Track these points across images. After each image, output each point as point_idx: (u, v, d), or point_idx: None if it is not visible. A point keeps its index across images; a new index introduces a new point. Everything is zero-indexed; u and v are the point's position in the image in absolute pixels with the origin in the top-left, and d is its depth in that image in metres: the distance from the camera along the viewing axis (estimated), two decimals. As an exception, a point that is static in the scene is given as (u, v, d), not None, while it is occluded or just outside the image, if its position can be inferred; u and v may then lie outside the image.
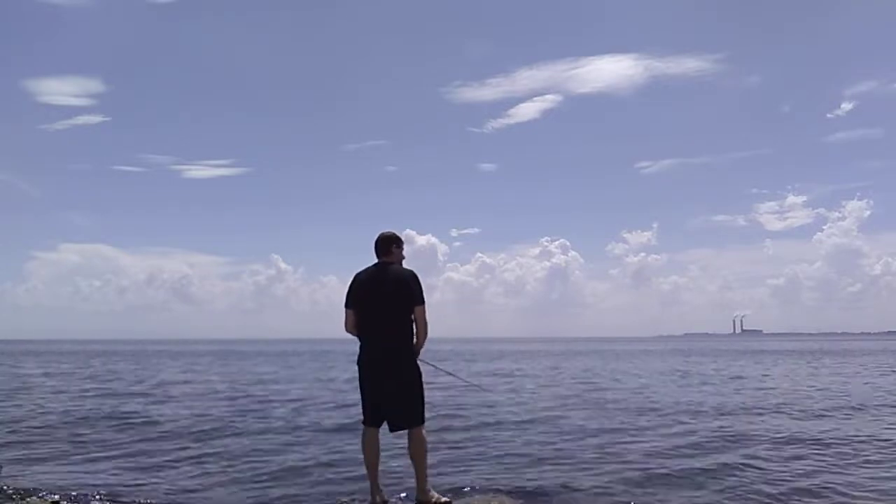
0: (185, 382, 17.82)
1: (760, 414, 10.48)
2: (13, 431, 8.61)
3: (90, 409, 11.07)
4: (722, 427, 8.89)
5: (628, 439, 7.98)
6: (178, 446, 7.53)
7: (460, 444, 7.59)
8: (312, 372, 22.83)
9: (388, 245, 4.92)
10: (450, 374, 6.90)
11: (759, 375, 20.23)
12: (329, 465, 6.51)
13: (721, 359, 32.83)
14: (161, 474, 6.11)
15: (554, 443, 7.74)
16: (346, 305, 4.84)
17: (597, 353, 45.73)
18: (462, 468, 6.33)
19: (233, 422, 9.56)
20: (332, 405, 11.60)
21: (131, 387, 16.21)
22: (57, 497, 5.19)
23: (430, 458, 5.09)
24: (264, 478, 5.96)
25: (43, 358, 36.91)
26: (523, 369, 24.52)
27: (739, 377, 19.40)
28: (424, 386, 4.80)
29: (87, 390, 15.07)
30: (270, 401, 12.51)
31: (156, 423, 9.40)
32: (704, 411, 10.76)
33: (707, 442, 7.80)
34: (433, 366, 5.33)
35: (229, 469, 6.36)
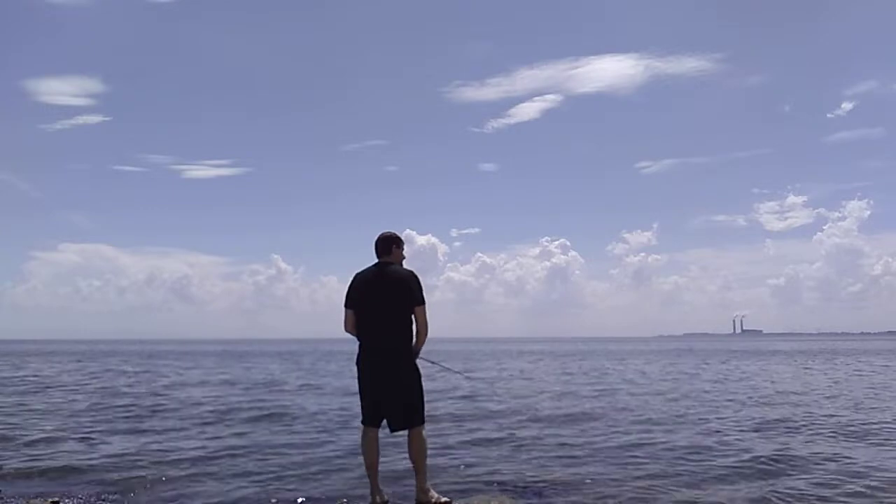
0: (202, 383, 17.68)
1: (818, 433, 8.40)
2: (17, 433, 8.61)
3: (99, 412, 11.07)
4: (778, 447, 7.35)
5: (654, 452, 7.20)
6: (191, 444, 7.53)
7: (463, 446, 7.58)
8: (322, 371, 22.81)
9: (389, 245, 4.92)
10: (448, 368, 6.81)
11: (788, 378, 18.83)
12: (329, 465, 6.50)
13: (735, 360, 31.96)
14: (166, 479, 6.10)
15: (567, 448, 7.51)
16: (346, 305, 4.84)
17: (602, 353, 45.31)
18: (464, 470, 6.31)
19: (243, 420, 9.60)
20: (341, 405, 11.58)
21: (141, 389, 16.18)
22: (57, 498, 5.19)
23: (431, 460, 5.09)
24: (264, 477, 5.95)
25: (47, 358, 36.82)
26: (530, 370, 24.50)
27: (766, 380, 18.09)
28: (430, 386, 4.79)
29: (94, 393, 15.04)
30: (282, 403, 12.48)
31: (172, 430, 9.36)
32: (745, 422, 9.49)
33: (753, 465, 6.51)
34: (433, 362, 5.31)
35: (231, 467, 6.35)
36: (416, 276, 4.80)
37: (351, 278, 4.89)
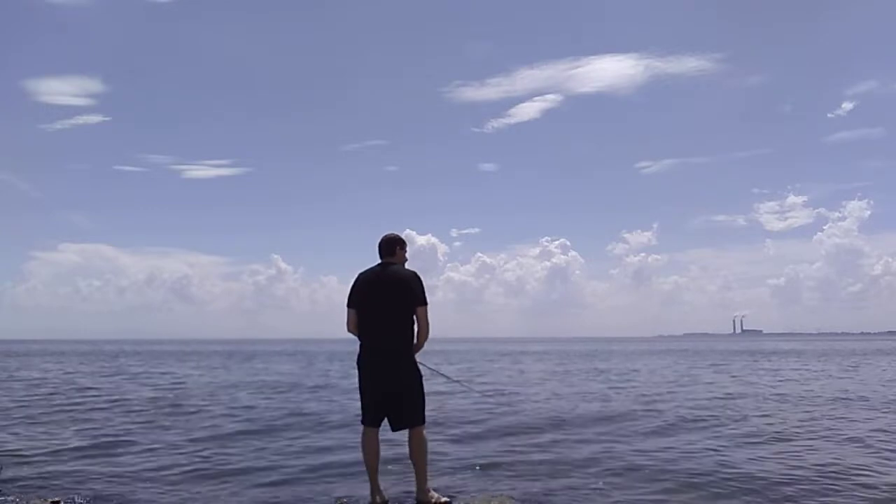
0: (235, 386, 17.49)
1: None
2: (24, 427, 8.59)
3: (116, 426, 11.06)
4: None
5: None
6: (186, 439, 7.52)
7: (464, 446, 7.57)
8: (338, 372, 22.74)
9: (393, 246, 4.93)
10: (449, 378, 6.67)
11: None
12: (330, 465, 6.49)
13: (761, 360, 30.97)
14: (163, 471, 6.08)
15: (567, 449, 7.47)
16: (349, 305, 4.85)
17: (609, 353, 44.83)
18: (465, 470, 6.30)
19: (245, 419, 9.58)
20: (342, 405, 11.56)
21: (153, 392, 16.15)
22: (58, 498, 5.18)
23: (432, 460, 5.08)
24: (264, 477, 5.95)
25: (55, 359, 36.63)
26: (538, 369, 24.46)
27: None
28: (444, 387, 4.77)
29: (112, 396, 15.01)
30: (286, 404, 12.44)
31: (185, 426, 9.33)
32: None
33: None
34: (430, 368, 5.30)
35: (233, 468, 6.34)
36: (418, 277, 4.80)
37: (353, 278, 4.91)
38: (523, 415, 10.31)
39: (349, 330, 4.87)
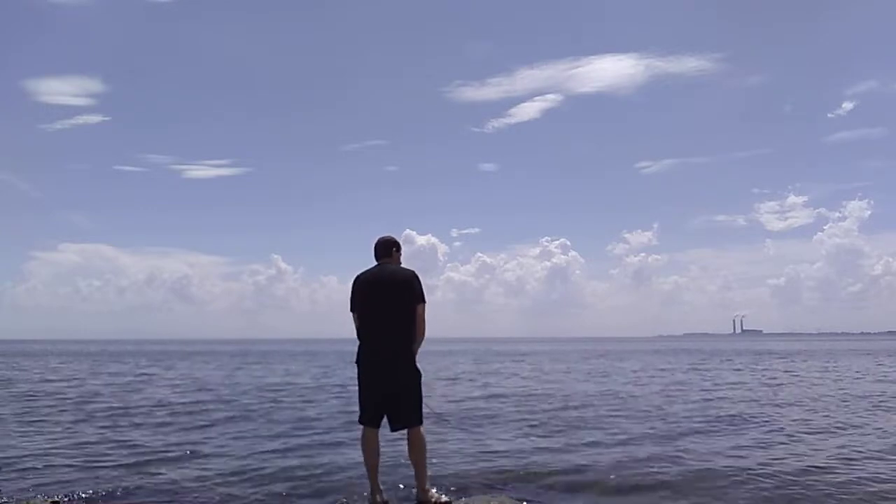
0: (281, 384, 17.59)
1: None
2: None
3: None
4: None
5: None
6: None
7: (465, 446, 7.57)
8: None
9: (389, 248, 4.97)
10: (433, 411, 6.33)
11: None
12: (330, 464, 6.49)
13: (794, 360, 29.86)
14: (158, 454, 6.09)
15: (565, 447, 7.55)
16: (352, 309, 4.88)
17: (618, 353, 44.47)
18: (464, 469, 6.31)
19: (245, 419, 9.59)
20: (342, 405, 11.56)
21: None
22: (57, 498, 5.18)
23: (432, 460, 5.09)
24: (264, 477, 5.96)
25: (63, 359, 36.50)
26: (537, 370, 24.40)
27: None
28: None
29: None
30: (284, 403, 12.45)
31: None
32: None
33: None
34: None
35: (230, 466, 6.35)
36: (416, 276, 4.83)
37: (353, 278, 4.93)
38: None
39: (358, 336, 4.87)
